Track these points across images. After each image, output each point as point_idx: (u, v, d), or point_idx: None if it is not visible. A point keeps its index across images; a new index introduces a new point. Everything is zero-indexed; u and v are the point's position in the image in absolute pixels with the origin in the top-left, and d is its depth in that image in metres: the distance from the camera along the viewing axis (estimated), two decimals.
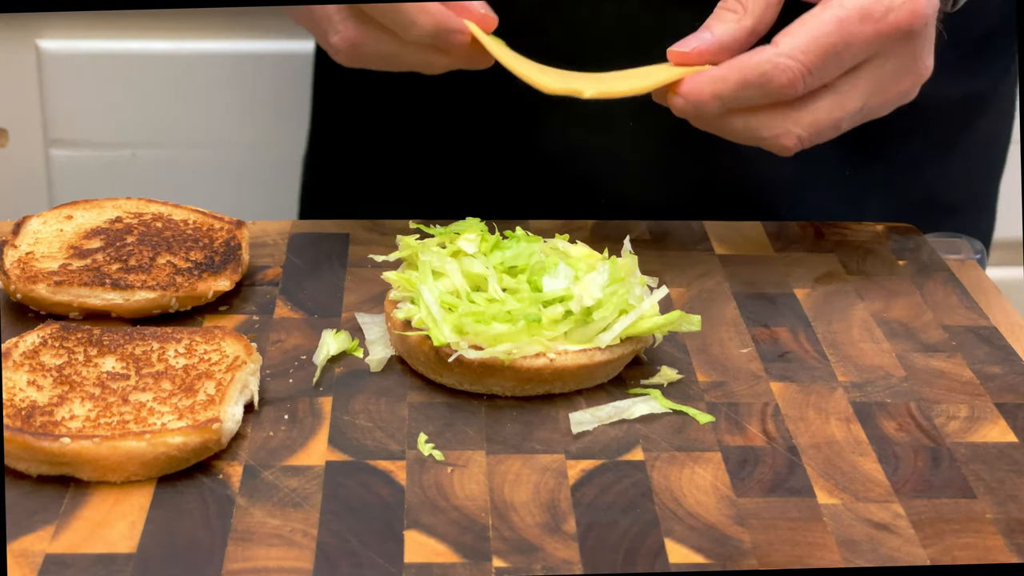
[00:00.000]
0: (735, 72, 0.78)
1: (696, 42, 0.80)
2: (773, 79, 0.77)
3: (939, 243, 0.94)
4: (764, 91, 0.78)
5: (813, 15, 0.78)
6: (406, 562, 0.61)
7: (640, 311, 0.75)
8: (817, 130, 0.80)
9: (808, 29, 0.77)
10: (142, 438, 0.65)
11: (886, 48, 0.79)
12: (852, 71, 0.79)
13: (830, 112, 0.80)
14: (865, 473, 0.68)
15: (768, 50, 0.78)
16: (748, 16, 0.80)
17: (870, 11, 0.77)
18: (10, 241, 0.83)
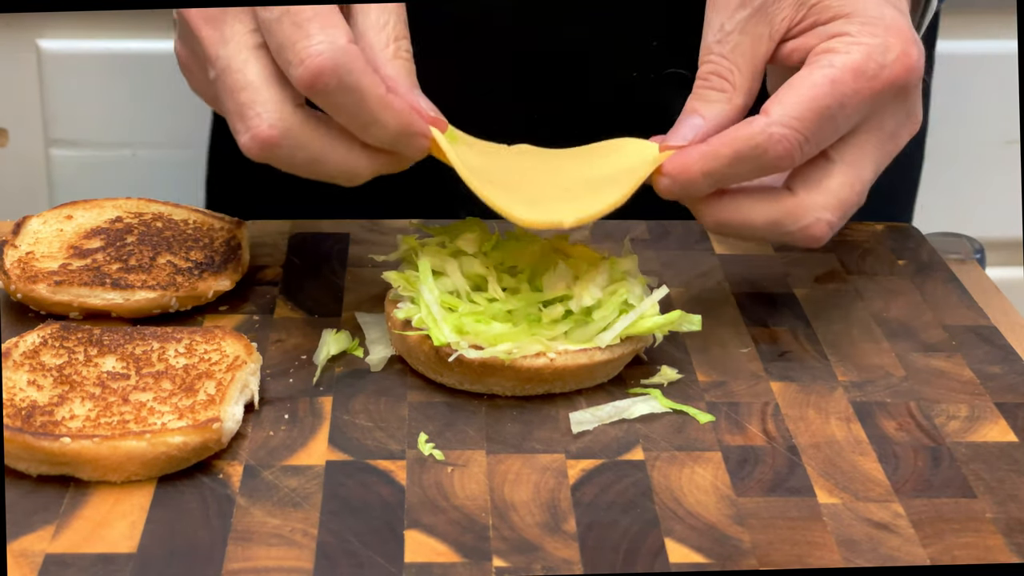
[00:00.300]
0: (726, 147, 0.72)
1: (691, 132, 0.75)
2: (768, 151, 0.72)
3: (939, 243, 0.94)
4: (758, 164, 0.72)
5: (802, 78, 0.73)
6: (406, 562, 0.61)
7: (640, 311, 0.75)
8: (845, 210, 0.75)
9: (799, 94, 0.72)
10: (142, 438, 0.65)
11: (882, 106, 0.74)
12: (851, 135, 0.75)
13: (851, 186, 0.75)
14: (865, 473, 0.68)
15: (759, 120, 0.72)
16: (738, 93, 0.75)
17: (863, 69, 0.72)
18: (10, 241, 0.83)
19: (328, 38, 0.68)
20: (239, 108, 0.70)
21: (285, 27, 0.68)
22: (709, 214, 0.75)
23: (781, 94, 0.73)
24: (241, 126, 0.70)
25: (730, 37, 0.75)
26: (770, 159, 0.72)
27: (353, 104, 0.69)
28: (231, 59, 0.70)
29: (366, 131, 0.70)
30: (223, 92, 0.71)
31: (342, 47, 0.68)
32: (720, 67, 0.75)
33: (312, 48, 0.68)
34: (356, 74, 0.68)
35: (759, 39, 0.75)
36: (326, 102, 0.69)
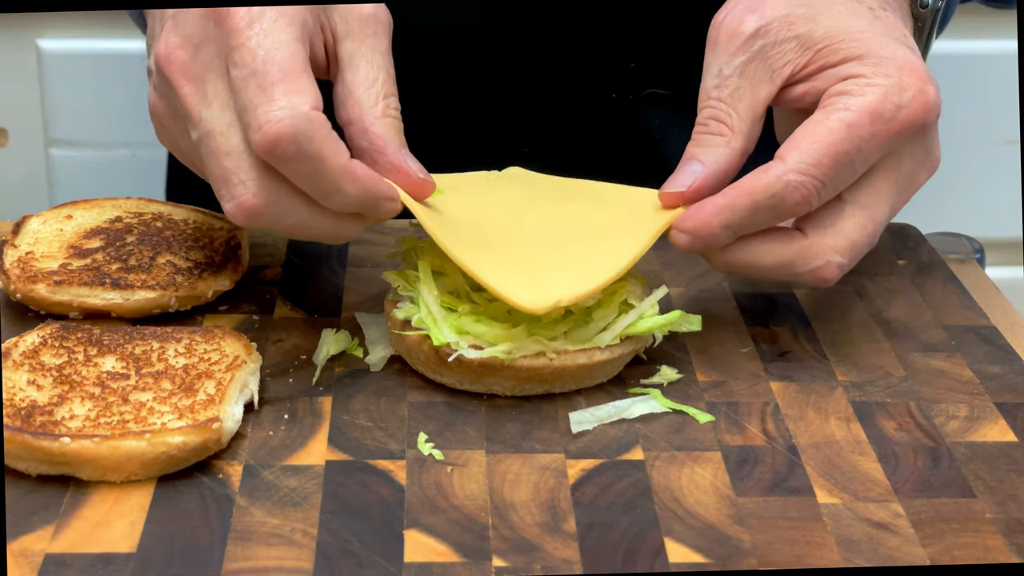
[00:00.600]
0: (743, 198, 0.72)
1: (690, 178, 0.74)
2: (785, 199, 0.71)
3: (939, 242, 0.94)
4: (777, 212, 0.72)
5: (817, 122, 0.72)
6: (406, 561, 0.61)
7: (640, 311, 0.75)
8: (856, 252, 0.74)
9: (815, 139, 0.71)
10: (142, 438, 0.65)
11: (899, 147, 0.73)
12: (867, 175, 0.74)
13: (863, 228, 0.74)
14: (865, 473, 0.68)
15: (775, 168, 0.71)
16: (737, 137, 0.74)
17: (880, 112, 0.71)
18: (10, 241, 0.83)
19: (290, 104, 0.66)
20: (224, 174, 0.68)
21: (250, 89, 0.67)
22: (719, 258, 0.75)
23: (797, 139, 0.72)
24: (226, 192, 0.69)
25: (728, 81, 0.75)
26: (788, 207, 0.72)
27: (313, 172, 0.67)
28: (215, 121, 0.68)
29: (328, 199, 0.69)
30: (207, 156, 0.69)
31: (303, 114, 0.66)
32: (718, 112, 0.75)
33: (272, 114, 0.66)
34: (317, 142, 0.66)
35: (759, 83, 0.75)
36: (287, 170, 0.67)
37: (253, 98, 0.67)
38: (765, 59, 0.74)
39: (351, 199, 0.69)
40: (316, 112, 0.67)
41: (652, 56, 0.95)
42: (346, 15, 0.72)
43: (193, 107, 0.69)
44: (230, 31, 0.68)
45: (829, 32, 0.74)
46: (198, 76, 0.69)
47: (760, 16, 0.75)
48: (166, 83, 0.70)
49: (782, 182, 0.71)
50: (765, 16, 0.74)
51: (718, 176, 0.74)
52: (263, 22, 0.68)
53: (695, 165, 0.75)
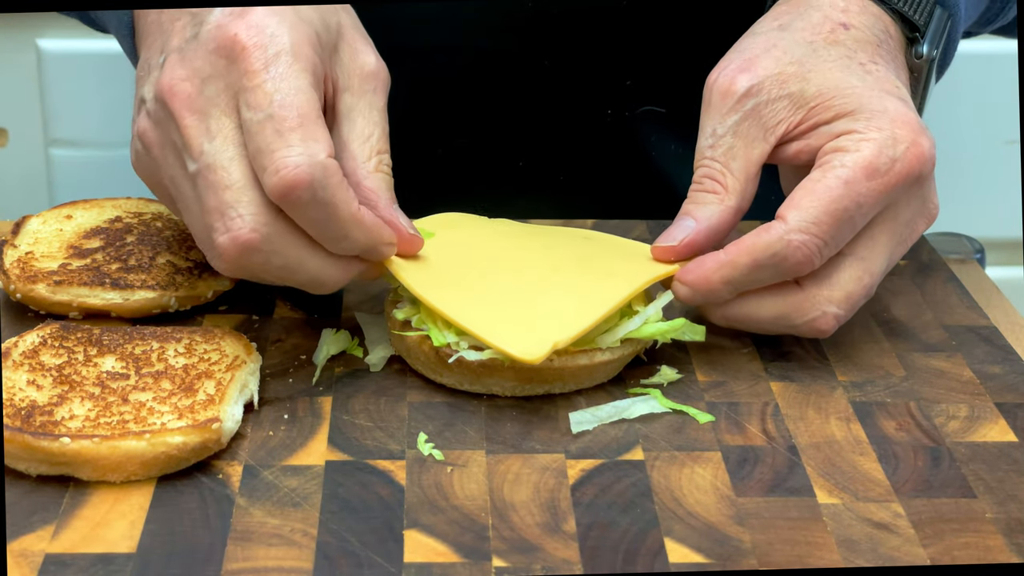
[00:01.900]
0: (744, 256, 0.73)
1: (682, 233, 0.75)
2: (788, 258, 0.72)
3: (939, 242, 0.94)
4: (778, 271, 0.73)
5: (815, 180, 0.73)
6: (406, 562, 0.61)
7: (645, 316, 0.75)
8: (852, 304, 0.75)
9: (815, 198, 0.72)
10: (142, 438, 0.65)
11: (896, 199, 0.74)
12: (866, 228, 0.74)
13: (859, 280, 0.75)
14: (865, 473, 0.68)
15: (776, 227, 0.72)
16: (731, 195, 0.75)
17: (876, 166, 0.72)
18: (10, 241, 0.83)
19: (308, 151, 0.67)
20: (221, 207, 0.68)
21: (267, 132, 0.67)
22: (718, 313, 0.76)
23: (796, 198, 0.73)
24: (220, 225, 0.68)
25: (722, 141, 0.75)
26: (790, 266, 0.73)
27: (324, 218, 0.68)
28: (217, 155, 0.68)
29: (336, 244, 0.70)
30: (205, 189, 0.69)
31: (320, 162, 0.67)
32: (712, 170, 0.76)
33: (290, 159, 0.66)
34: (331, 189, 0.67)
35: (752, 142, 0.75)
36: (297, 214, 0.68)
37: (271, 142, 0.67)
38: (758, 118, 0.75)
39: (356, 245, 0.70)
40: (331, 160, 0.67)
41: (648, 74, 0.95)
42: (349, 69, 0.73)
43: (194, 139, 0.69)
44: (245, 71, 0.68)
45: (821, 90, 0.75)
46: (202, 110, 0.69)
47: (752, 75, 0.75)
48: (166, 114, 0.70)
49: (783, 241, 0.72)
50: (757, 75, 0.75)
51: (710, 232, 0.76)
52: (279, 66, 0.68)
53: (688, 221, 0.76)
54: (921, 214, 0.76)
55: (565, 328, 0.71)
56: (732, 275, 0.73)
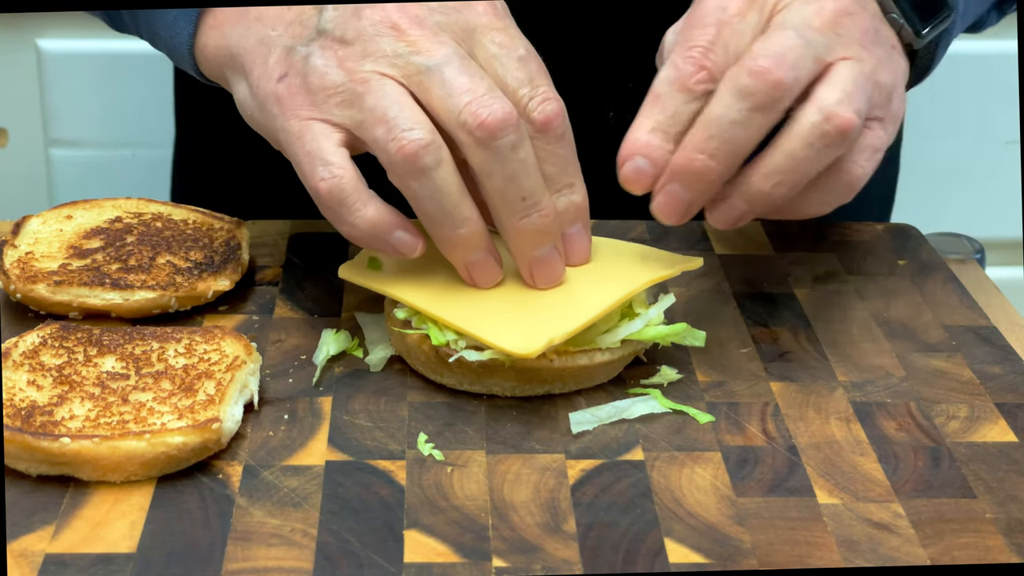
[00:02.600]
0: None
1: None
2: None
3: (939, 242, 0.94)
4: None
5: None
6: (406, 562, 0.61)
7: (647, 318, 0.75)
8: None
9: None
10: (142, 438, 0.65)
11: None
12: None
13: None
14: (865, 473, 0.68)
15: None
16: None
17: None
18: (10, 241, 0.83)
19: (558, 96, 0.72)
20: (475, 90, 0.70)
21: (531, 67, 0.72)
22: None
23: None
24: (475, 101, 0.69)
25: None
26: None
27: (564, 156, 0.72)
28: (458, 54, 0.71)
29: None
30: (454, 73, 0.70)
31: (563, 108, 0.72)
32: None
33: (553, 95, 0.72)
34: (571, 134, 0.72)
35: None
36: (537, 150, 0.71)
37: (534, 76, 0.71)
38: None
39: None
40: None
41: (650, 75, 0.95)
42: None
43: (428, 42, 0.71)
44: (487, 13, 0.72)
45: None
46: (431, 29, 0.71)
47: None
48: (380, 31, 0.71)
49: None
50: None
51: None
52: (512, 19, 0.74)
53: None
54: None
55: (561, 325, 0.71)
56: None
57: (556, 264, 0.74)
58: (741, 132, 0.70)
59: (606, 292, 0.74)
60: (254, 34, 0.75)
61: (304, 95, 0.72)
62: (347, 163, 0.71)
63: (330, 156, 0.71)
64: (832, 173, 0.72)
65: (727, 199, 0.72)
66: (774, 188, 0.71)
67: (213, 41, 0.79)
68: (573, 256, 0.75)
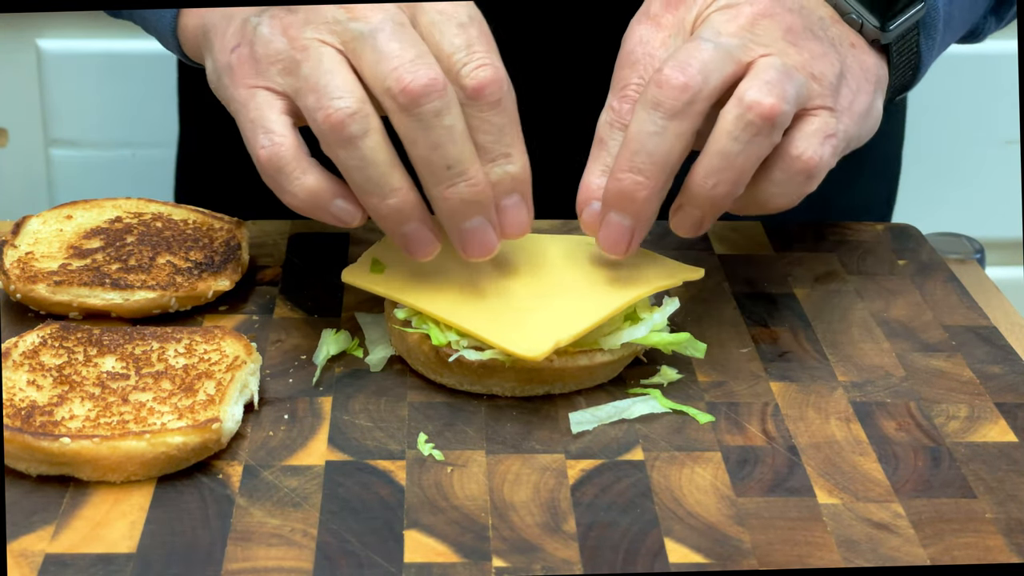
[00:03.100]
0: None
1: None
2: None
3: (939, 242, 0.94)
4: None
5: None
6: (406, 562, 0.61)
7: (651, 323, 0.75)
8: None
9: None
10: (142, 438, 0.65)
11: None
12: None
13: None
14: (865, 473, 0.68)
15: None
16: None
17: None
18: (10, 241, 0.83)
19: (500, 64, 0.71)
20: (408, 54, 0.69)
21: (471, 33, 0.70)
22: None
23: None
24: (409, 67, 0.69)
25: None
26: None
27: (501, 125, 0.70)
28: (394, 19, 0.70)
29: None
30: (389, 36, 0.69)
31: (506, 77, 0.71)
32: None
33: (492, 62, 0.70)
34: (513, 102, 0.71)
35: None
36: (481, 114, 0.70)
37: (474, 43, 0.70)
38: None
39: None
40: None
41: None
42: None
43: (365, 7, 0.70)
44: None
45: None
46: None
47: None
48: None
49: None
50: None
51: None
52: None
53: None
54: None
55: (567, 327, 0.71)
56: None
57: (487, 236, 0.72)
58: (660, 142, 0.70)
59: (610, 297, 0.74)
60: (221, 9, 0.76)
61: (251, 64, 0.72)
62: (288, 131, 0.71)
63: (271, 124, 0.71)
64: (779, 162, 0.72)
65: (682, 208, 0.73)
66: (715, 188, 0.71)
67: (192, 20, 0.80)
68: (509, 228, 0.73)
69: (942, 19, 0.83)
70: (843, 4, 0.78)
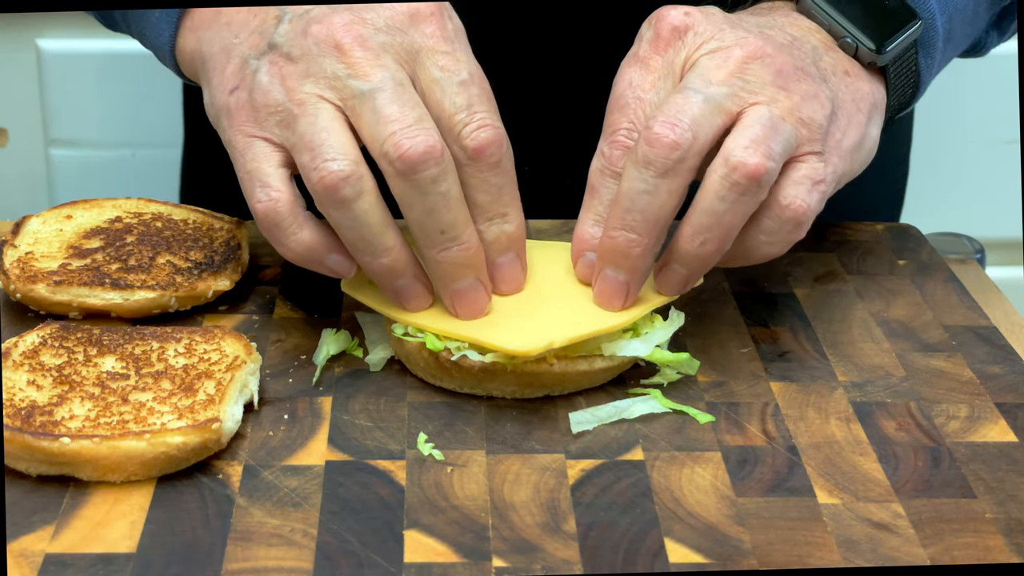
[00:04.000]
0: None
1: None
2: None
3: (939, 242, 0.94)
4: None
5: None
6: (406, 562, 0.61)
7: (654, 340, 0.74)
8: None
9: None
10: (142, 438, 0.65)
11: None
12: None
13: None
14: (865, 473, 0.68)
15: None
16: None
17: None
18: (10, 241, 0.83)
19: (499, 123, 0.71)
20: (404, 119, 0.69)
21: (471, 91, 0.71)
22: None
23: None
24: (403, 131, 0.69)
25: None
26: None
27: (500, 186, 0.71)
28: (395, 78, 0.70)
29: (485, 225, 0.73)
30: (384, 102, 0.69)
31: (506, 139, 0.72)
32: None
33: (492, 120, 0.71)
34: (512, 163, 0.72)
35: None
36: (480, 175, 0.71)
37: (473, 103, 0.70)
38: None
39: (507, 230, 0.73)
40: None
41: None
42: None
43: (366, 65, 0.70)
44: (433, 35, 0.72)
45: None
46: (374, 51, 0.70)
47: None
48: (324, 50, 0.71)
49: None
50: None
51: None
52: (463, 41, 0.73)
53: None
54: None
55: (562, 331, 0.71)
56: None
57: (477, 296, 0.73)
58: (652, 200, 0.70)
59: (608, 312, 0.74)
60: (220, 40, 0.76)
61: (249, 111, 0.72)
62: (284, 185, 0.71)
63: (268, 178, 0.71)
64: (768, 212, 0.72)
65: (668, 266, 0.73)
66: (702, 247, 0.71)
67: (189, 44, 0.80)
68: (503, 285, 0.74)
69: (941, 37, 0.82)
70: (837, 29, 0.78)
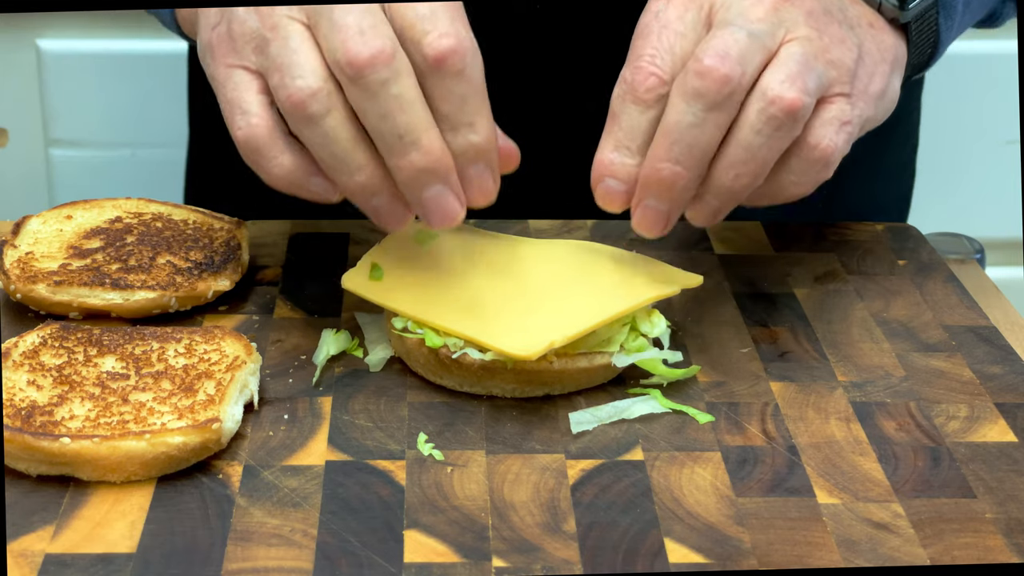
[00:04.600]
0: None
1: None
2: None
3: (939, 242, 0.94)
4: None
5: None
6: (406, 562, 0.61)
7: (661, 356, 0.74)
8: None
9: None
10: (142, 438, 0.65)
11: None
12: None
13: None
14: (865, 473, 0.68)
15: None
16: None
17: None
18: (10, 241, 0.83)
19: (462, 31, 0.69)
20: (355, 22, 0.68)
21: (421, 7, 0.69)
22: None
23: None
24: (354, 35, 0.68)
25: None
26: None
27: (463, 94, 0.69)
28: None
29: (459, 132, 0.70)
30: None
31: (472, 44, 0.69)
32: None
33: (450, 30, 0.68)
34: (479, 69, 0.69)
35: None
36: (444, 84, 0.69)
37: (439, 12, 0.68)
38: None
39: (479, 135, 0.70)
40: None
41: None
42: None
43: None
44: None
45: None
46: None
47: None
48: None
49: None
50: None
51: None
52: None
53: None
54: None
55: (562, 329, 0.71)
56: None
57: (447, 203, 0.71)
58: (700, 133, 0.70)
59: (608, 303, 0.74)
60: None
61: (228, 42, 0.72)
62: (263, 111, 0.71)
63: (248, 105, 0.71)
64: (798, 151, 0.72)
65: (701, 197, 0.73)
66: (735, 180, 0.71)
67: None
68: (474, 197, 0.72)
69: (964, 6, 0.83)
70: None
